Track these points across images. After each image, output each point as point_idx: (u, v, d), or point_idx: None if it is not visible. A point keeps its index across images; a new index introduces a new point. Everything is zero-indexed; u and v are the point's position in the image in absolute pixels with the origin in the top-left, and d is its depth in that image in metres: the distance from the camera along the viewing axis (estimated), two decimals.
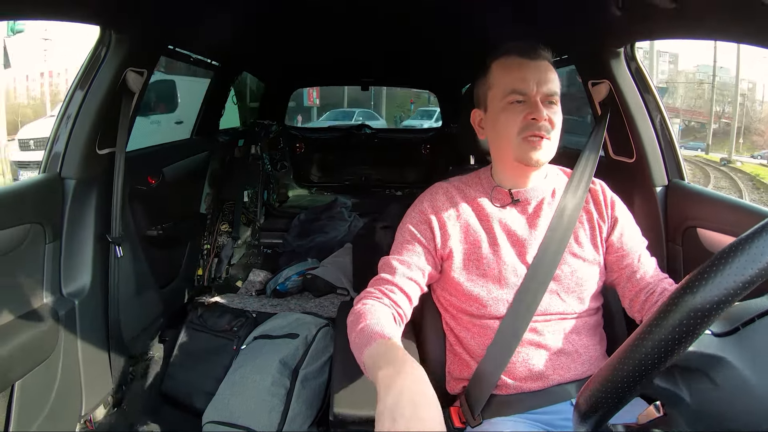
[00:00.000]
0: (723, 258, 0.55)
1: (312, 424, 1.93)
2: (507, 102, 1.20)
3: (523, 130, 1.18)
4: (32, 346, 1.59)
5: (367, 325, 1.05)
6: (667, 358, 0.57)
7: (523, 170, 1.25)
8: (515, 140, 1.19)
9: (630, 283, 1.25)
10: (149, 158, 2.46)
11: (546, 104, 1.18)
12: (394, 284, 1.20)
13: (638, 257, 1.27)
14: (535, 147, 1.18)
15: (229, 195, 3.65)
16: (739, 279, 0.54)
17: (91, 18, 1.65)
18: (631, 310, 1.27)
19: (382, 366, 0.88)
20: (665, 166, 1.79)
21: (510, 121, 1.19)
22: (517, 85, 1.19)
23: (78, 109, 1.77)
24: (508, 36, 2.22)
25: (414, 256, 1.25)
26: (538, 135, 1.17)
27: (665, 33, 1.53)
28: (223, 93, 3.49)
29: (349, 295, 2.98)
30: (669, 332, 0.56)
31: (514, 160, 1.22)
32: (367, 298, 1.18)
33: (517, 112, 1.19)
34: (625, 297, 1.27)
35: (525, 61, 1.20)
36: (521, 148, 1.19)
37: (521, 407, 1.19)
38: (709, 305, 0.55)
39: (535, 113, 1.17)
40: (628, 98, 1.77)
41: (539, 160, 1.19)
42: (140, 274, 2.22)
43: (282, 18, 2.37)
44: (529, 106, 1.18)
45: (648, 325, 0.59)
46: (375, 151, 4.98)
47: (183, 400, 2.17)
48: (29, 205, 1.62)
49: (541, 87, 1.18)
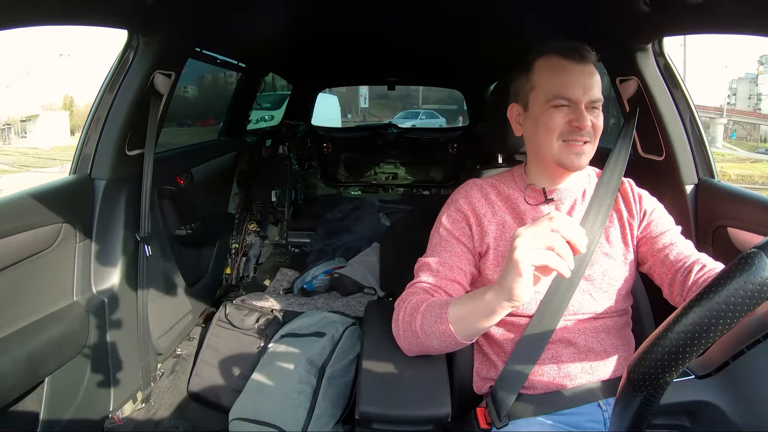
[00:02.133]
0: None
1: (338, 422, 1.93)
2: (551, 105, 1.17)
3: (566, 134, 1.16)
4: (63, 343, 1.63)
5: (428, 307, 1.09)
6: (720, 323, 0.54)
7: (560, 172, 1.24)
8: (556, 144, 1.17)
9: (665, 266, 1.21)
10: (178, 159, 2.50)
11: (590, 110, 1.16)
12: (436, 287, 1.18)
13: (670, 240, 1.23)
14: (576, 152, 1.16)
15: (257, 195, 3.69)
16: None
17: (119, 23, 1.69)
18: (671, 296, 1.22)
19: (478, 301, 0.99)
20: (695, 164, 1.75)
21: (552, 124, 1.17)
22: (562, 90, 1.16)
23: (107, 111, 1.82)
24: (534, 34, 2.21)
25: (454, 257, 1.22)
26: (581, 140, 1.16)
27: (693, 28, 1.50)
28: (250, 94, 3.53)
29: (376, 294, 2.97)
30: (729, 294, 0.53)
31: (554, 162, 1.20)
32: (409, 298, 1.17)
33: (560, 116, 1.16)
34: (664, 283, 1.22)
35: (570, 64, 1.17)
36: (562, 151, 1.17)
37: (548, 408, 1.18)
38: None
39: (579, 121, 1.14)
40: (657, 95, 1.74)
41: (580, 164, 1.18)
42: (169, 273, 2.26)
43: (308, 19, 2.38)
44: (573, 111, 1.15)
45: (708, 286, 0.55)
46: (402, 150, 4.97)
47: (210, 398, 2.19)
48: (60, 206, 1.66)
49: (587, 93, 1.15)
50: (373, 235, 3.59)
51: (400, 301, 1.18)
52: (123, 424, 1.94)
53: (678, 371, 0.56)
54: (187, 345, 2.45)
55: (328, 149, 4.93)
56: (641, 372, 0.57)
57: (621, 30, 1.74)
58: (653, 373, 0.56)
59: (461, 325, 1.02)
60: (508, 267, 0.87)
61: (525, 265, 0.84)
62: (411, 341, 1.13)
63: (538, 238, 0.83)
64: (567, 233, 0.82)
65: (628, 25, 1.68)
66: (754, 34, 1.27)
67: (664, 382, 0.57)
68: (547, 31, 2.12)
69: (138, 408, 2.06)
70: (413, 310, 1.11)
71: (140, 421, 2.01)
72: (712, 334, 0.53)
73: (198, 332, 2.52)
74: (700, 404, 0.62)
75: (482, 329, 1.04)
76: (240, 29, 2.37)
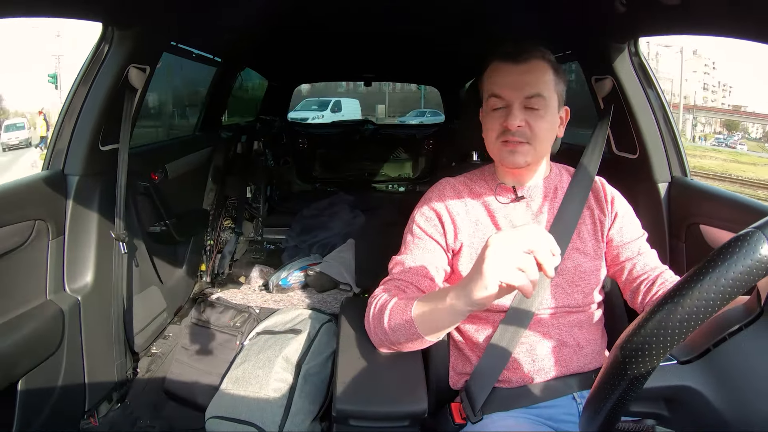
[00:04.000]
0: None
1: (314, 419, 1.92)
2: (490, 107, 1.21)
3: (501, 135, 1.19)
4: (36, 343, 1.59)
5: (396, 304, 1.11)
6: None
7: (514, 171, 1.26)
8: (495, 145, 1.21)
9: (630, 274, 1.26)
10: (152, 154, 2.46)
11: (526, 110, 1.17)
12: (408, 283, 1.20)
13: (638, 249, 1.28)
14: (510, 150, 1.19)
15: (232, 191, 3.66)
16: None
17: (93, 15, 1.65)
18: (632, 302, 1.28)
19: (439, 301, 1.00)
20: (668, 162, 1.79)
21: (490, 126, 1.22)
22: (497, 90, 1.19)
23: (81, 105, 1.77)
24: (511, 31, 2.24)
25: (427, 254, 1.24)
26: (513, 140, 1.18)
27: (669, 29, 1.53)
28: (225, 89, 3.49)
29: (351, 290, 2.98)
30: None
31: (498, 162, 1.26)
32: (381, 294, 1.18)
33: (496, 117, 1.20)
34: (626, 289, 1.28)
35: (506, 65, 1.19)
36: (501, 151, 1.21)
37: (522, 402, 1.20)
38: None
39: (507, 120, 1.17)
40: (632, 94, 1.77)
41: (518, 163, 1.20)
42: (143, 270, 2.22)
43: (284, 14, 2.37)
44: (506, 112, 1.18)
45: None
46: (378, 146, 4.97)
47: (186, 396, 2.17)
48: (33, 202, 1.63)
49: (518, 91, 1.17)
50: (348, 231, 3.60)
51: (372, 297, 1.20)
52: (99, 425, 1.91)
53: (669, 349, 0.56)
54: (163, 343, 2.42)
55: (303, 145, 4.91)
56: (632, 348, 0.57)
57: (597, 30, 1.77)
58: (645, 349, 0.56)
59: (424, 322, 1.04)
60: (475, 275, 0.88)
61: (491, 280, 0.85)
62: (381, 338, 1.15)
63: (511, 256, 0.84)
64: (541, 257, 0.83)
65: (604, 25, 1.70)
66: (729, 36, 1.30)
67: (651, 363, 0.57)
68: (522, 29, 2.14)
69: (114, 408, 2.03)
70: (383, 306, 1.13)
71: (116, 420, 1.98)
72: (710, 309, 0.53)
73: (173, 330, 2.49)
74: (682, 389, 0.63)
75: (445, 327, 1.06)
76: (216, 24, 2.34)
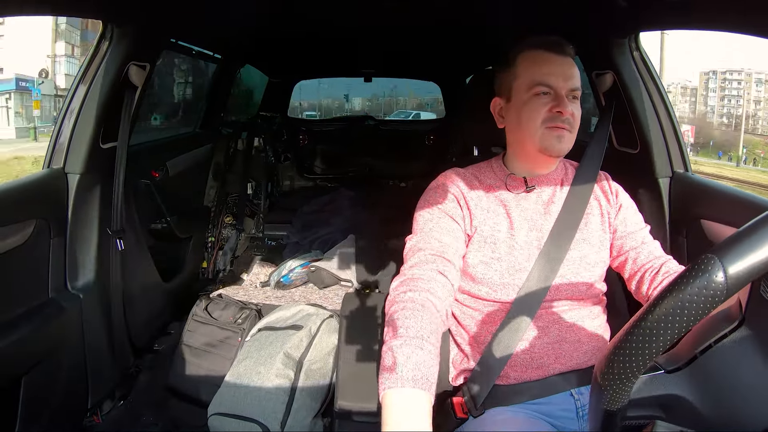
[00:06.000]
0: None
1: (316, 415, 1.93)
2: (533, 93, 1.22)
3: (548, 120, 1.20)
4: (38, 341, 1.60)
5: (403, 344, 0.96)
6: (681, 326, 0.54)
7: (543, 160, 1.27)
8: (540, 130, 1.21)
9: (635, 264, 1.27)
10: (153, 152, 2.46)
11: (570, 99, 1.21)
12: (436, 255, 1.16)
13: (642, 239, 1.29)
14: (558, 135, 1.21)
15: (233, 187, 3.66)
16: None
17: (93, 12, 1.65)
18: (637, 293, 1.28)
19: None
20: (669, 157, 1.78)
21: (535, 112, 1.21)
22: (544, 78, 1.21)
23: (81, 103, 1.77)
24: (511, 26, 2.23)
25: (449, 235, 1.20)
26: (562, 126, 1.20)
27: (670, 23, 1.52)
28: (226, 86, 3.49)
29: (353, 286, 2.98)
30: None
31: (538, 149, 1.24)
32: (407, 293, 1.08)
33: (542, 103, 1.21)
34: (631, 280, 1.28)
35: (552, 55, 1.23)
36: (546, 137, 1.21)
37: (522, 398, 1.20)
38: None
39: (560, 106, 1.19)
40: (632, 89, 1.76)
41: (562, 149, 1.22)
42: (145, 268, 2.23)
43: (284, 10, 2.36)
44: (554, 98, 1.21)
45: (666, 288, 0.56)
46: (379, 142, 4.96)
47: (189, 393, 2.17)
48: (34, 201, 1.63)
49: (567, 82, 1.21)
50: (349, 227, 3.59)
51: (395, 292, 1.10)
52: (102, 422, 1.92)
53: (641, 372, 0.58)
54: (165, 340, 2.42)
55: (304, 141, 4.88)
56: (609, 378, 0.59)
57: (598, 25, 1.76)
58: (620, 376, 0.58)
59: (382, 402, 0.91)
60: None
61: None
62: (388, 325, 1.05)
63: None
64: None
65: (605, 19, 1.70)
66: (730, 31, 1.29)
67: (629, 384, 0.59)
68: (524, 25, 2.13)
69: (117, 405, 2.04)
70: (394, 322, 1.01)
71: (119, 418, 1.99)
72: (669, 336, 0.54)
73: (175, 327, 2.50)
74: (671, 398, 0.63)
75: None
76: (216, 20, 2.34)
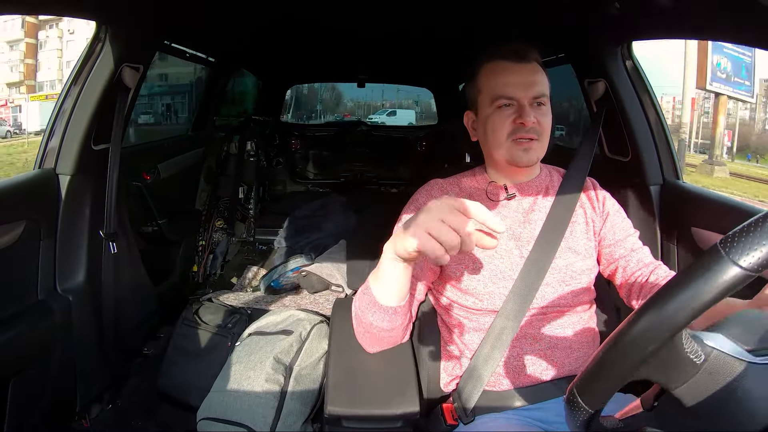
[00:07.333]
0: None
1: (306, 420, 1.92)
2: (496, 107, 1.23)
3: (513, 133, 1.21)
4: (27, 343, 1.58)
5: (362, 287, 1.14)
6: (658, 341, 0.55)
7: (515, 170, 1.29)
8: (506, 143, 1.23)
9: (625, 272, 1.27)
10: (144, 154, 2.45)
11: (534, 106, 1.21)
12: None
13: (631, 246, 1.29)
14: (524, 148, 1.21)
15: (224, 191, 3.65)
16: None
17: (86, 13, 1.64)
18: (628, 301, 1.28)
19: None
20: (660, 165, 1.80)
21: (498, 125, 1.23)
22: (504, 90, 1.22)
23: (73, 104, 1.76)
24: (504, 33, 2.24)
25: None
26: (527, 137, 1.20)
27: (663, 32, 1.53)
28: (219, 89, 3.49)
29: (343, 291, 2.97)
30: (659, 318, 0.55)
31: (505, 161, 1.25)
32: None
33: (505, 116, 1.22)
34: (622, 287, 1.29)
35: (511, 65, 1.22)
36: (512, 150, 1.22)
37: (513, 404, 1.20)
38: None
39: (522, 117, 1.19)
40: (624, 97, 1.78)
41: (530, 159, 1.23)
42: (135, 271, 2.21)
43: (278, 14, 2.37)
44: (517, 110, 1.21)
45: (638, 309, 0.57)
46: (371, 147, 4.97)
47: (178, 397, 2.15)
48: (24, 202, 1.62)
49: (528, 90, 1.21)
50: (340, 232, 3.58)
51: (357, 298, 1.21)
52: (90, 426, 1.90)
53: (616, 389, 0.59)
54: (154, 344, 2.40)
55: (296, 146, 4.89)
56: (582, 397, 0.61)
57: (591, 33, 1.78)
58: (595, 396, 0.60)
59: (376, 286, 1.07)
60: (411, 223, 0.90)
61: (421, 230, 0.86)
62: (358, 328, 1.17)
63: (453, 217, 0.85)
64: (483, 219, 0.86)
65: (599, 28, 1.72)
66: (724, 41, 1.31)
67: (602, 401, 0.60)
68: (516, 32, 2.15)
69: (105, 409, 2.01)
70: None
71: (108, 422, 1.97)
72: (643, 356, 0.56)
73: (165, 331, 2.48)
74: (662, 401, 0.64)
75: (387, 282, 1.06)
76: (210, 23, 2.34)
